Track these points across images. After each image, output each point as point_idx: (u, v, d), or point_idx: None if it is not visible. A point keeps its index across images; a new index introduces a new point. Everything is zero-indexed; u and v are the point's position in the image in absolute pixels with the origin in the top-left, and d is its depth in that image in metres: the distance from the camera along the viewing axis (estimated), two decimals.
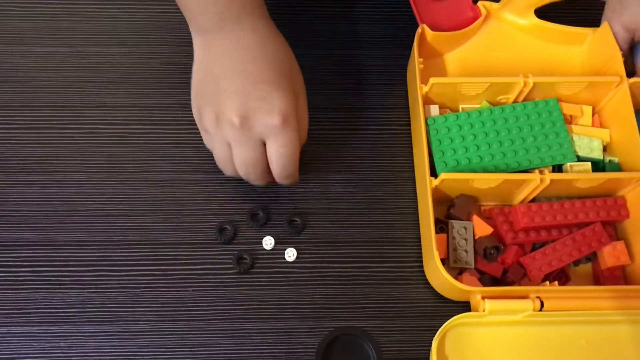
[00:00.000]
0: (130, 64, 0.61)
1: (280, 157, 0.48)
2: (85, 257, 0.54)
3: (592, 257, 0.55)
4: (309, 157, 0.57)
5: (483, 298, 0.50)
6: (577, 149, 0.56)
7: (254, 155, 0.49)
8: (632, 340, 0.51)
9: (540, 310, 0.50)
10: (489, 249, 0.53)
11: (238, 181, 0.56)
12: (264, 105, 0.47)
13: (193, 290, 0.53)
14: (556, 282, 0.51)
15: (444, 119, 0.56)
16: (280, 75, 0.49)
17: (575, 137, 0.56)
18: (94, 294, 0.53)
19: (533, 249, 0.55)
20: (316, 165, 0.58)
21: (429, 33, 0.57)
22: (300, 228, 0.55)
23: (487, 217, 0.56)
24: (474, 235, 0.54)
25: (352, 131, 0.60)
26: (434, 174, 0.54)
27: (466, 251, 0.53)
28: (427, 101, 0.57)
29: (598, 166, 0.56)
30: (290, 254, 0.54)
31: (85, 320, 0.52)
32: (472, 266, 0.53)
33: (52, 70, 0.61)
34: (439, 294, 0.54)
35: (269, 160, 0.49)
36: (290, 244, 0.55)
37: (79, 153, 0.58)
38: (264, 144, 0.49)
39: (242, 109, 0.47)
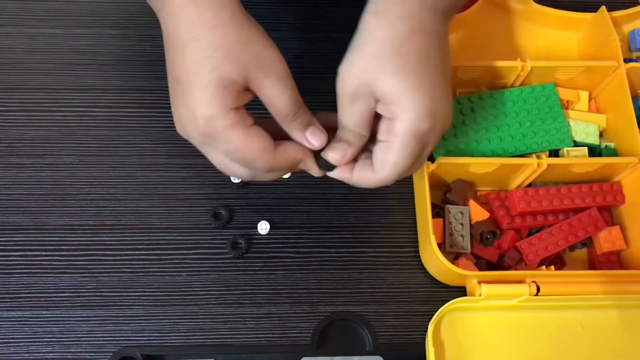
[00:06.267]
0: (122, 47, 0.60)
1: (226, 167, 0.42)
2: (77, 241, 0.53)
3: (588, 242, 0.55)
4: None
5: (479, 282, 0.50)
6: (574, 134, 0.56)
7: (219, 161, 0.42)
8: (627, 325, 0.51)
9: (536, 295, 0.50)
10: (485, 234, 0.53)
11: None
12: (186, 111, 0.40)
13: (187, 275, 0.53)
14: (552, 267, 0.51)
15: None
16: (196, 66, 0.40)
17: (571, 122, 0.56)
18: (86, 279, 0.52)
19: (529, 234, 0.54)
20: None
21: None
22: None
23: (484, 202, 0.56)
24: (470, 220, 0.54)
25: None
26: (430, 158, 0.53)
27: (462, 236, 0.53)
28: None
29: (594, 151, 0.56)
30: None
31: (77, 305, 0.51)
32: (468, 251, 0.53)
33: (43, 52, 0.60)
34: (434, 278, 0.54)
35: None
36: (285, 228, 0.55)
37: (71, 136, 0.57)
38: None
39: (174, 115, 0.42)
